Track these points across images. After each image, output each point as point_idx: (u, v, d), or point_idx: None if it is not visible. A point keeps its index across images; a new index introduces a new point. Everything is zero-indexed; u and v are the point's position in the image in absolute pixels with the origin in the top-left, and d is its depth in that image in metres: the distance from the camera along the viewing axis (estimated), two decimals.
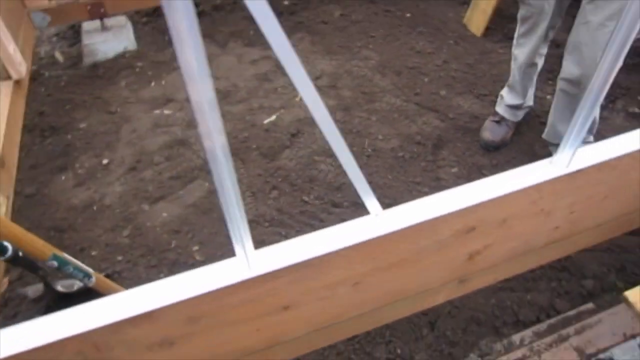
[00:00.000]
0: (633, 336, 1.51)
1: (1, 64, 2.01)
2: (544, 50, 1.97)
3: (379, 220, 0.95)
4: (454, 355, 1.49)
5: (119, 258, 1.80)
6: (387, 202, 1.90)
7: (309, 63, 2.62)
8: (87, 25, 2.77)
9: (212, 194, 2.00)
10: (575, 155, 1.04)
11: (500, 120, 2.14)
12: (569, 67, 1.75)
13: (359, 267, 1.02)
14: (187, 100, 2.45)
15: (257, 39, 2.83)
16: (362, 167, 2.06)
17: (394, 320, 1.30)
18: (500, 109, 2.14)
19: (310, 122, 2.28)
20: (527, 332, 1.53)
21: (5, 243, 1.27)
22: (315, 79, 2.52)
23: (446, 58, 2.61)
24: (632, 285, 1.64)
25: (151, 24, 2.95)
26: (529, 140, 2.17)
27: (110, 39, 2.70)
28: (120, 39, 2.72)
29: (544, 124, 2.24)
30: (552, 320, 1.55)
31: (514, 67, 2.04)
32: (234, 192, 0.76)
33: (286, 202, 1.94)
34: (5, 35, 1.96)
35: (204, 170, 2.10)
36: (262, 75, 2.57)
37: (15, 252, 1.29)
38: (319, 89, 2.47)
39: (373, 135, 2.18)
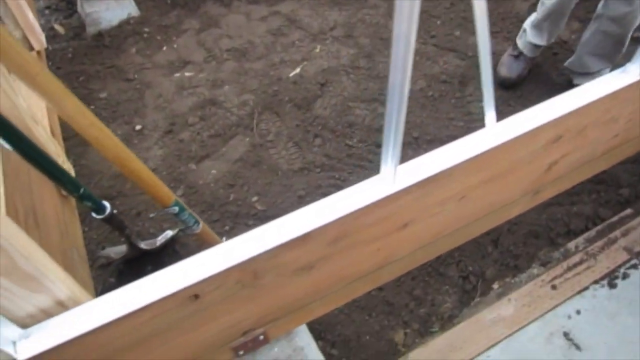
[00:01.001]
0: None
1: (23, 34, 1.94)
2: None
3: (493, 132, 1.04)
4: (519, 266, 1.63)
5: None
6: (428, 138, 2.00)
7: (320, 15, 2.64)
8: None
9: (256, 147, 2.04)
10: None
11: (519, 55, 2.21)
12: (616, 6, 1.82)
13: (470, 179, 1.11)
14: (205, 61, 2.45)
15: None
16: None
17: (474, 237, 1.41)
18: (520, 43, 2.20)
19: (335, 71, 2.32)
20: (580, 240, 1.69)
21: (105, 202, 1.30)
22: (330, 29, 2.54)
23: (453, 0, 2.67)
24: None
25: None
26: (546, 70, 2.29)
27: (113, 6, 2.62)
28: (123, 6, 2.64)
29: (557, 54, 2.37)
30: (600, 227, 1.71)
31: (543, 13, 2.03)
32: (397, 117, 0.82)
33: (331, 147, 2.01)
34: (24, 4, 1.89)
35: (241, 126, 2.12)
36: (276, 30, 2.57)
37: (111, 210, 1.32)
38: (336, 39, 2.50)
39: None
